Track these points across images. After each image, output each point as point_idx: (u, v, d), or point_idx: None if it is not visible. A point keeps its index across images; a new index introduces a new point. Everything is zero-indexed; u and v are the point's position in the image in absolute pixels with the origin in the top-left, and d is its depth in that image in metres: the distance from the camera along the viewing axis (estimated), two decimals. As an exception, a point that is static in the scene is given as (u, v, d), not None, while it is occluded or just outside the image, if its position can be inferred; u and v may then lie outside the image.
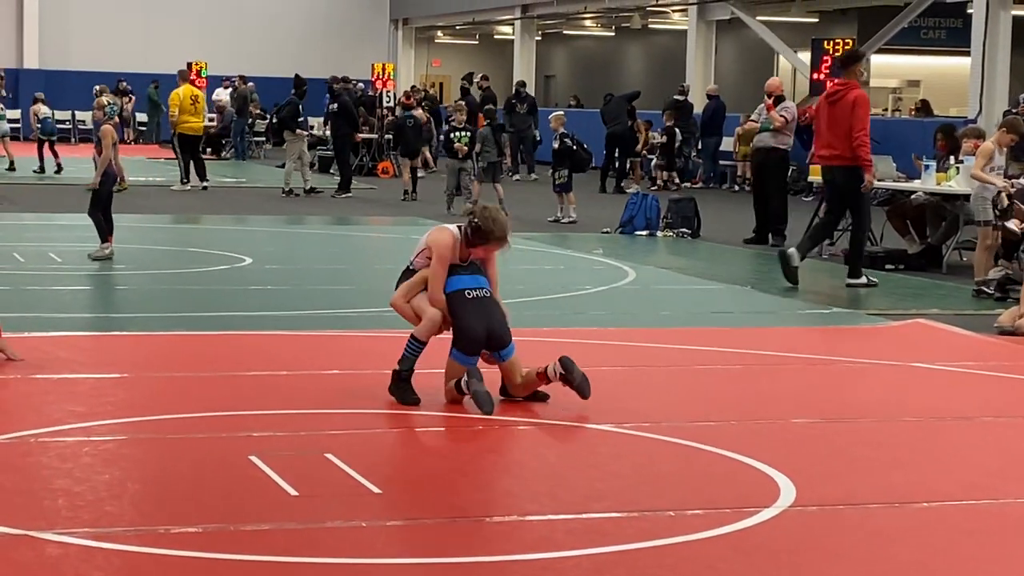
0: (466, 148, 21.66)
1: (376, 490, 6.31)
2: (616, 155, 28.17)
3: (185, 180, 25.10)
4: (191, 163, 25.35)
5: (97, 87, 16.49)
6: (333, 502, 6.13)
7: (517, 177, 30.20)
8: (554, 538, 5.79)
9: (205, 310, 11.73)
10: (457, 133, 22.05)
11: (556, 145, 20.91)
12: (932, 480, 6.86)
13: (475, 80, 32.46)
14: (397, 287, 8.34)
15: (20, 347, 9.72)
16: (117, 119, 15.24)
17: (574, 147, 20.74)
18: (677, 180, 28.27)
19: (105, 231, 14.47)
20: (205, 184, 25.14)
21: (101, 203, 14.44)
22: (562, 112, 22.88)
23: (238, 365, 9.20)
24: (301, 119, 25.39)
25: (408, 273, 8.37)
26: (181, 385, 8.63)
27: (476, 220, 8.13)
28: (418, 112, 26.08)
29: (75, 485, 6.29)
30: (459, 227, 8.27)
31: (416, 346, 8.17)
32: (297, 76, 27.18)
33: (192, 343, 10.20)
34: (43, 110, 28.91)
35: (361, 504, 6.12)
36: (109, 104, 14.79)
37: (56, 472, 6.56)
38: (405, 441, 7.41)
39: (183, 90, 25.82)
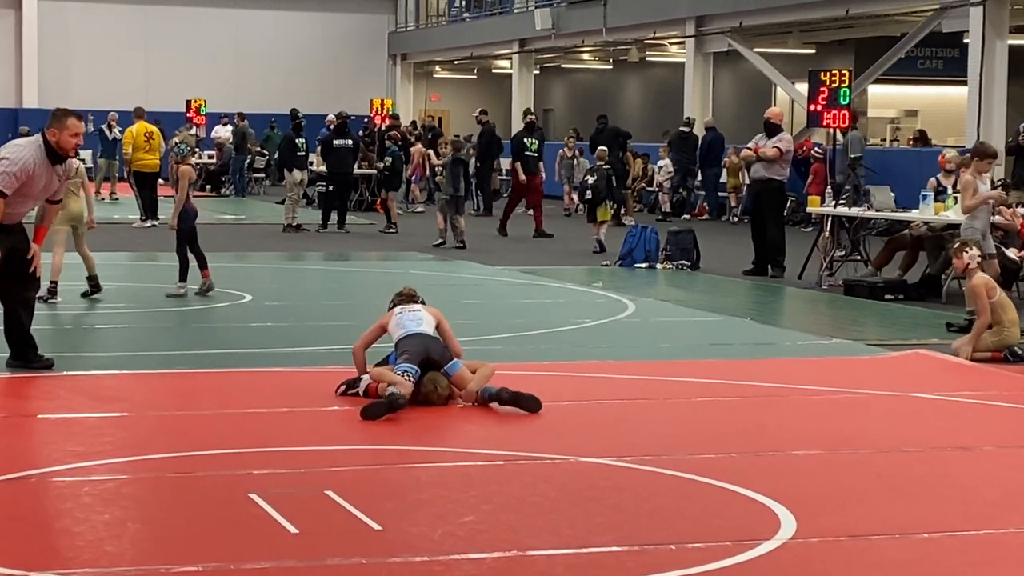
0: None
1: (376, 527, 6.31)
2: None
3: (144, 217, 25.01)
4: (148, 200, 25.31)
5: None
6: (333, 539, 6.13)
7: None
8: (555, 573, 5.78)
9: (205, 347, 11.74)
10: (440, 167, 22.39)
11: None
12: (932, 511, 6.86)
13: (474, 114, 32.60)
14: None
15: (21, 387, 9.75)
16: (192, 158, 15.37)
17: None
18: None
19: (185, 271, 14.77)
20: (153, 222, 25.00)
21: (185, 240, 14.68)
22: (605, 148, 23.13)
23: (237, 403, 9.21)
24: (301, 154, 25.33)
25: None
26: (180, 423, 8.63)
27: None
28: (415, 148, 26.14)
29: (75, 525, 6.29)
30: None
31: None
32: (293, 111, 27.23)
33: (192, 381, 10.21)
34: None
35: (362, 541, 6.11)
36: (177, 144, 15.05)
37: (56, 512, 6.57)
38: (405, 477, 7.40)
39: (136, 128, 25.80)
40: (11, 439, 8.28)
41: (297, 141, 25.21)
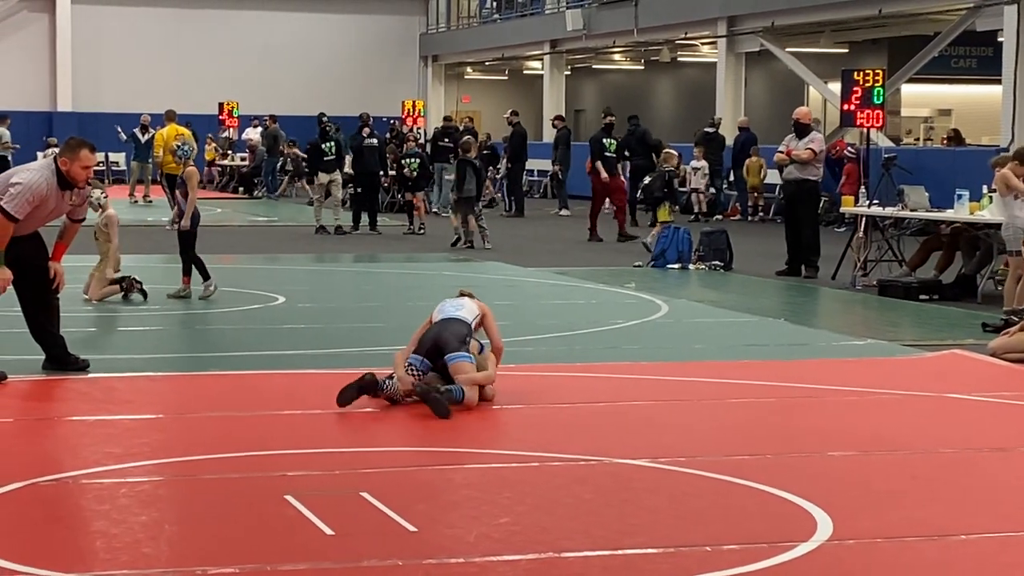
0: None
1: (412, 528, 6.31)
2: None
3: (176, 220, 25.01)
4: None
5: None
6: (369, 541, 6.14)
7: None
8: (590, 575, 5.77)
9: (238, 350, 11.75)
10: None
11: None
12: (969, 512, 6.82)
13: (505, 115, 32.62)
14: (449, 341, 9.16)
15: (56, 389, 9.80)
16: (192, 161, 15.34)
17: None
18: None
19: (204, 269, 14.73)
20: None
21: (190, 243, 14.65)
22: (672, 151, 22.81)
23: (272, 404, 9.21)
24: (328, 158, 25.23)
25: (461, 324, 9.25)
26: (216, 425, 8.66)
27: None
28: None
29: (112, 527, 6.31)
30: None
31: None
32: (319, 115, 27.26)
33: (226, 383, 10.23)
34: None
35: (397, 542, 6.12)
36: (180, 147, 15.13)
37: (94, 514, 6.59)
38: (439, 478, 7.40)
39: (167, 130, 25.82)
40: (48, 441, 8.32)
41: (323, 146, 25.14)
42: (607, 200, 25.88)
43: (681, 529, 6.45)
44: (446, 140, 30.43)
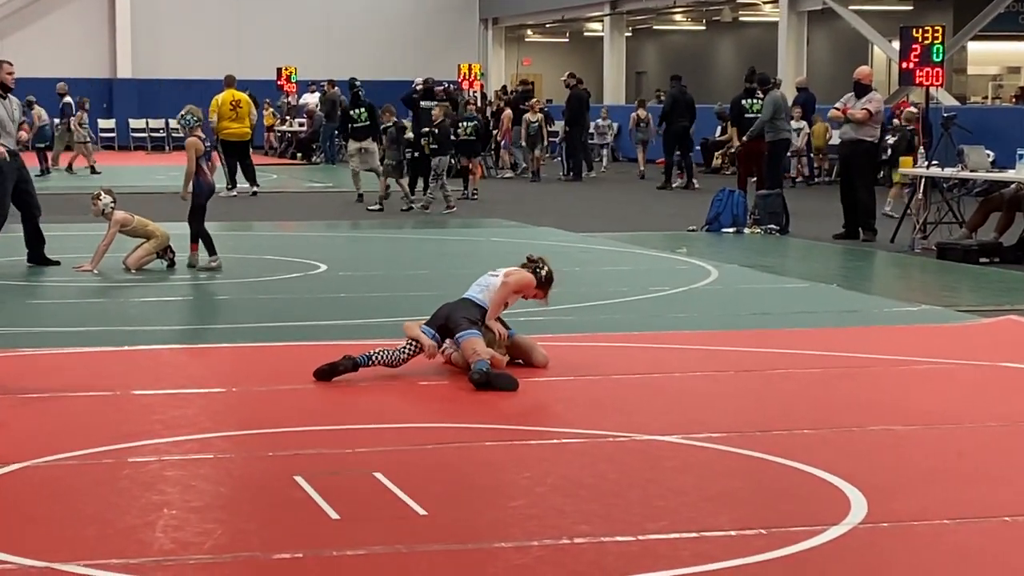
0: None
1: (422, 512, 6.01)
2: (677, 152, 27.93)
3: (231, 186, 24.74)
4: (237, 169, 25.08)
5: None
6: (374, 526, 5.84)
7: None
8: (603, 563, 5.45)
9: (269, 320, 11.35)
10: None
11: None
12: (1016, 492, 6.43)
13: (562, 77, 32.21)
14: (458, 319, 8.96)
15: (72, 362, 9.53)
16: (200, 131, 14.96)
17: None
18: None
19: (210, 244, 14.42)
20: (255, 189, 24.87)
21: (198, 214, 14.38)
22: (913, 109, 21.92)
23: (295, 378, 8.88)
24: (357, 125, 24.76)
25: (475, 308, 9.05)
26: (236, 400, 8.39)
27: (548, 269, 9.45)
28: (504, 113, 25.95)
29: (108, 511, 6.03)
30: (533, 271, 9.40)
31: None
32: (351, 80, 26.77)
33: (248, 356, 9.91)
34: (44, 116, 29.51)
35: (404, 527, 5.82)
36: (183, 116, 14.80)
37: (92, 497, 6.30)
38: (458, 457, 7.08)
39: (223, 96, 25.42)
40: (54, 418, 8.00)
41: (351, 112, 24.56)
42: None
43: (707, 512, 6.11)
44: (523, 104, 31.05)
